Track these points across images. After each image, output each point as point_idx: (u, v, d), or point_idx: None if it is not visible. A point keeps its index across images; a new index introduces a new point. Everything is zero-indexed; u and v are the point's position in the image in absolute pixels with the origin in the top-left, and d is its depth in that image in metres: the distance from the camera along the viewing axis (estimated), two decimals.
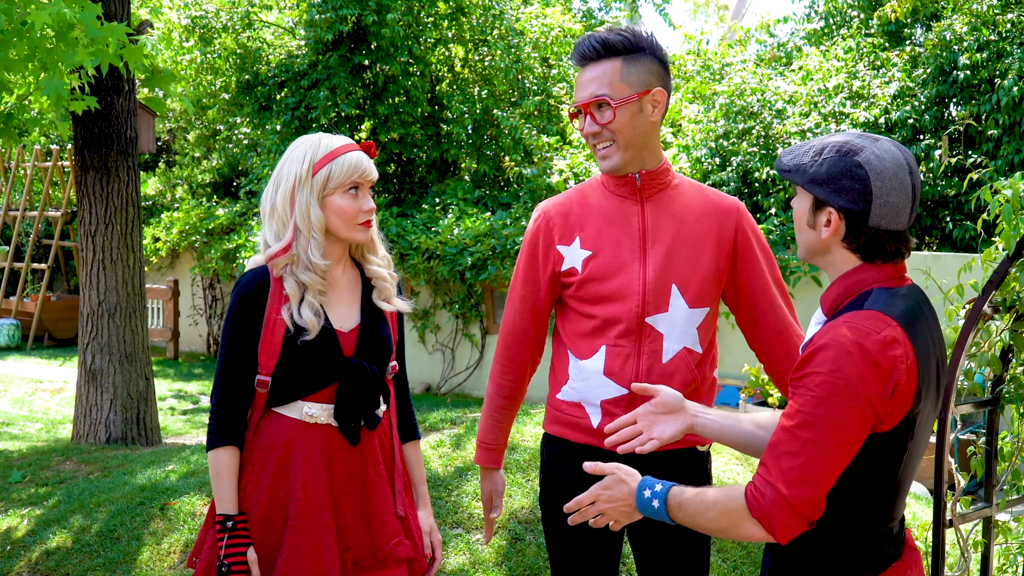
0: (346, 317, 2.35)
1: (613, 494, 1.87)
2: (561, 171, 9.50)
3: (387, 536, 2.34)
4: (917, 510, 4.66)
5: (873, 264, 1.80)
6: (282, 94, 11.38)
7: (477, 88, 11.64)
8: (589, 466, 1.91)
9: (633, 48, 2.29)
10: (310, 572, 2.25)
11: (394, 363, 2.46)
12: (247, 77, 11.72)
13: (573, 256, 2.37)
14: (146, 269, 11.26)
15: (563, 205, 2.43)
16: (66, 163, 12.81)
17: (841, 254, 1.81)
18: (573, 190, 2.48)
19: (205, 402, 9.75)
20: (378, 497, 2.35)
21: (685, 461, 2.40)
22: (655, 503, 1.82)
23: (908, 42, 9.94)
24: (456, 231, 9.68)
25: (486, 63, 11.61)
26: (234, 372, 2.31)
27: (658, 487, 1.82)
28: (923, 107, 8.40)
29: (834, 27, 10.82)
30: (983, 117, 8.05)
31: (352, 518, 2.32)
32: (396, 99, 11.26)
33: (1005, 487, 2.89)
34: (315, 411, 2.30)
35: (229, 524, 2.26)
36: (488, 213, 10.18)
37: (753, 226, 2.43)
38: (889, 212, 1.75)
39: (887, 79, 8.79)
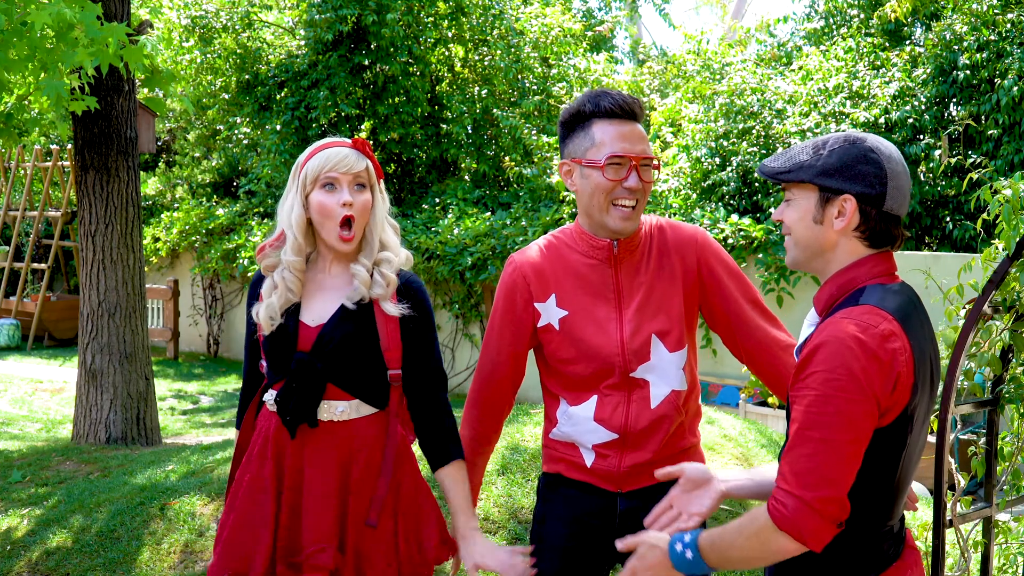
0: (318, 312, 2.33)
1: (648, 562, 1.87)
2: None
3: (311, 540, 2.26)
4: (917, 510, 4.66)
5: (879, 253, 1.82)
6: (282, 94, 11.38)
7: (477, 88, 11.65)
8: (621, 544, 1.93)
9: None
10: (241, 558, 2.28)
11: (395, 371, 2.35)
12: (247, 77, 11.73)
13: (549, 313, 2.36)
14: (146, 269, 11.26)
15: (537, 263, 2.39)
16: (66, 163, 12.81)
17: (848, 246, 1.82)
18: (543, 245, 2.43)
19: (205, 402, 9.75)
20: (311, 499, 2.28)
21: None
22: (688, 553, 1.81)
23: (908, 42, 9.93)
24: (456, 231, 9.68)
25: (486, 63, 11.61)
26: (247, 359, 2.45)
27: (687, 537, 1.82)
28: (923, 107, 8.40)
29: (834, 27, 10.82)
30: (983, 117, 8.05)
31: (288, 513, 2.30)
32: (396, 99, 11.26)
33: (1005, 487, 2.89)
34: (271, 398, 2.35)
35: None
36: (488, 213, 10.18)
37: (716, 253, 2.41)
38: (899, 196, 1.79)
39: (887, 79, 8.79)
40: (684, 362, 2.37)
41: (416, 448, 2.49)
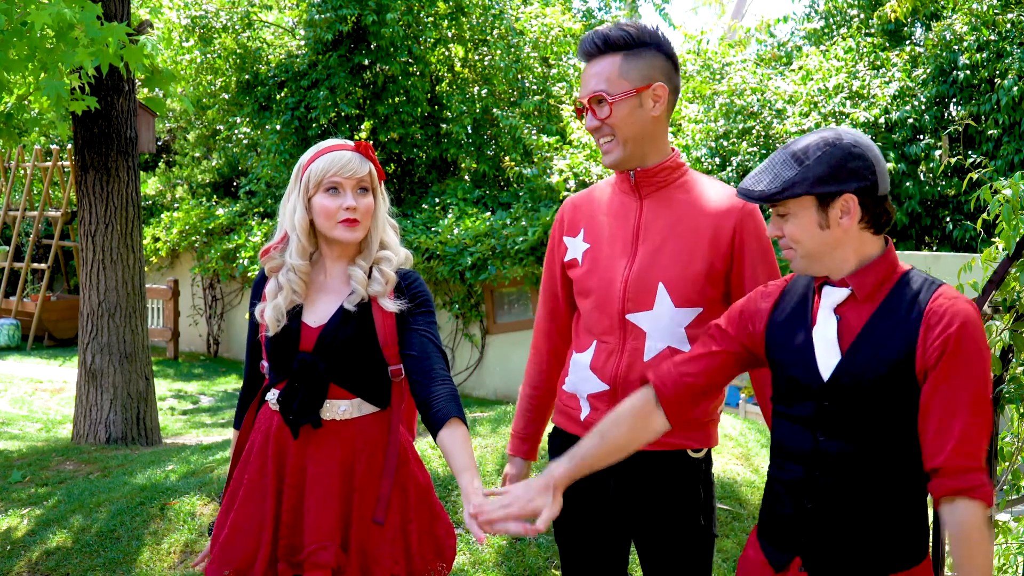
0: (319, 313, 2.35)
1: None
2: (561, 171, 9.49)
3: (313, 539, 2.27)
4: None
5: (886, 237, 1.90)
6: (282, 94, 11.38)
7: (477, 88, 11.65)
8: None
9: (635, 43, 2.27)
10: (241, 558, 2.30)
11: (396, 367, 2.36)
12: (247, 77, 11.73)
13: (575, 248, 2.41)
14: (146, 269, 11.26)
15: (578, 200, 2.49)
16: (66, 163, 12.81)
17: (859, 237, 1.85)
18: (598, 184, 2.52)
19: (205, 402, 9.76)
20: (313, 497, 2.29)
21: (677, 466, 2.34)
22: None
23: (908, 42, 9.94)
24: (456, 231, 9.68)
25: (486, 63, 11.61)
26: (248, 357, 2.46)
27: None
28: (923, 107, 8.39)
29: (834, 27, 10.82)
30: (983, 117, 8.05)
31: (290, 512, 2.31)
32: (396, 99, 11.26)
33: (1005, 487, 2.89)
34: (273, 398, 2.36)
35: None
36: (488, 213, 10.18)
37: (757, 229, 2.32)
38: (885, 177, 1.85)
39: (887, 79, 8.79)
40: (691, 322, 2.30)
41: (418, 447, 2.50)
